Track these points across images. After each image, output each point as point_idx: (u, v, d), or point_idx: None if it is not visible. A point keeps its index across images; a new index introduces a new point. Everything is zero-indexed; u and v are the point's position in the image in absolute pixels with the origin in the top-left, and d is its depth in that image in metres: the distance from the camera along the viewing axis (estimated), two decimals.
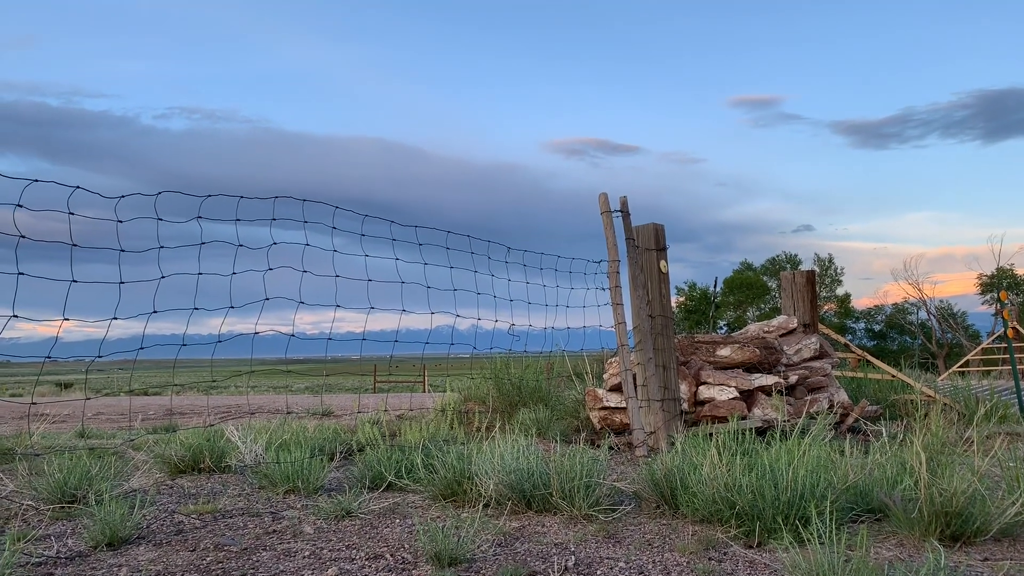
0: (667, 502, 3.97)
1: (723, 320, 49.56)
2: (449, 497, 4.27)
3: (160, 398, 17.16)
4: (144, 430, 8.14)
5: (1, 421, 9.83)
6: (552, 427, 6.69)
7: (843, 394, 7.35)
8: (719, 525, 3.62)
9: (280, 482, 4.56)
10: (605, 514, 3.86)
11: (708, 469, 3.68)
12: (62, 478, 4.13)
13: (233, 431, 5.52)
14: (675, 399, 6.14)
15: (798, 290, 8.31)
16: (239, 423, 6.54)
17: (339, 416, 9.99)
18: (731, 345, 6.82)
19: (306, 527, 3.75)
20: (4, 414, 11.28)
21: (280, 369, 7.40)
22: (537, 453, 4.19)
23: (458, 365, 10.01)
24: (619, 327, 6.15)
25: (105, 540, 3.41)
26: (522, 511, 3.99)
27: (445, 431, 6.35)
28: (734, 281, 51.66)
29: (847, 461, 4.01)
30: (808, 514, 3.26)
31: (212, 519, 3.91)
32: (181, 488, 4.69)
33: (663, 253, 6.44)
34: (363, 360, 8.03)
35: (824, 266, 53.28)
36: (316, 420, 8.52)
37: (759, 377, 6.59)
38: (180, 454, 5.18)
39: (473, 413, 7.52)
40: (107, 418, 10.99)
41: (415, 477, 4.58)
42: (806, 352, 7.48)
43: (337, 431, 6.35)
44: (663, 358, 6.16)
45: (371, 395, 19.52)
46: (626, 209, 6.32)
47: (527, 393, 7.82)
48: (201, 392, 18.96)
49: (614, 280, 6.23)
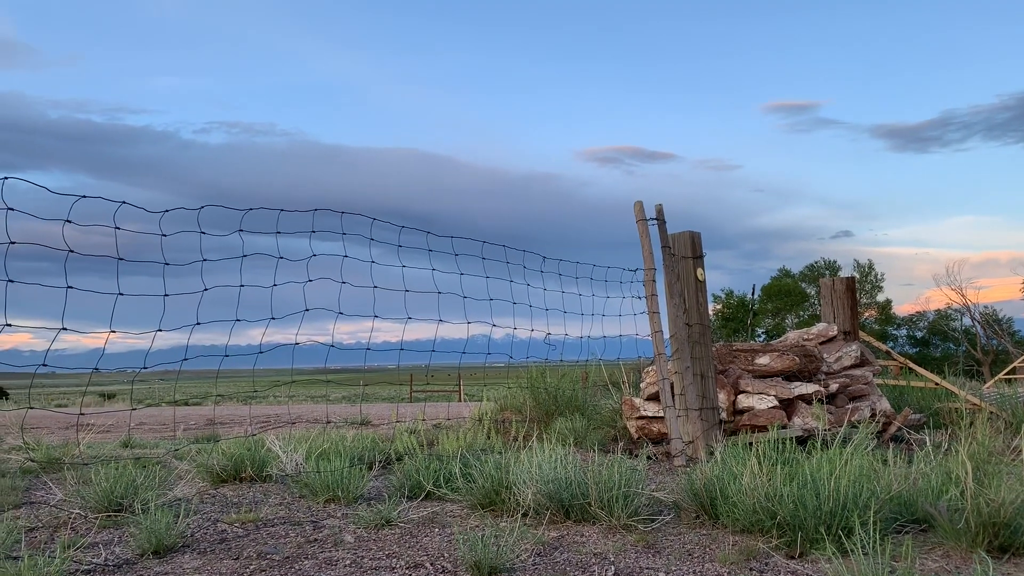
0: (707, 512, 3.94)
1: (761, 328, 49.06)
2: (487, 506, 4.28)
3: (201, 408, 17.42)
4: (186, 440, 8.27)
5: (48, 431, 10.05)
6: (589, 437, 6.68)
7: (885, 402, 7.24)
8: (760, 535, 3.59)
9: (320, 491, 4.60)
10: (644, 524, 3.84)
11: (748, 479, 3.65)
12: (109, 487, 4.21)
13: (274, 441, 5.59)
14: (713, 408, 6.09)
15: (838, 297, 8.21)
16: (279, 433, 6.62)
17: (376, 425, 10.06)
18: (770, 353, 6.75)
19: (347, 536, 3.79)
20: (51, 424, 11.53)
21: (320, 379, 7.48)
22: (575, 463, 4.19)
23: (494, 374, 10.04)
24: (656, 336, 6.13)
25: (151, 548, 3.47)
26: (560, 521, 3.99)
27: (482, 440, 6.37)
28: (772, 288, 51.14)
29: (890, 471, 3.95)
30: (851, 524, 3.21)
31: (254, 528, 3.97)
32: (223, 497, 4.75)
33: (700, 261, 6.40)
34: (400, 369, 8.15)
35: (864, 272, 52.53)
36: (354, 429, 8.59)
37: (799, 385, 6.52)
38: (222, 463, 5.25)
39: (510, 422, 7.53)
40: (150, 428, 11.19)
41: (453, 486, 4.59)
42: (847, 360, 7.38)
43: (375, 440, 6.40)
44: (701, 367, 6.12)
45: (408, 404, 19.64)
46: (662, 217, 6.30)
47: (563, 402, 7.81)
48: (241, 402, 19.21)
49: (650, 288, 6.21)
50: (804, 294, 51.24)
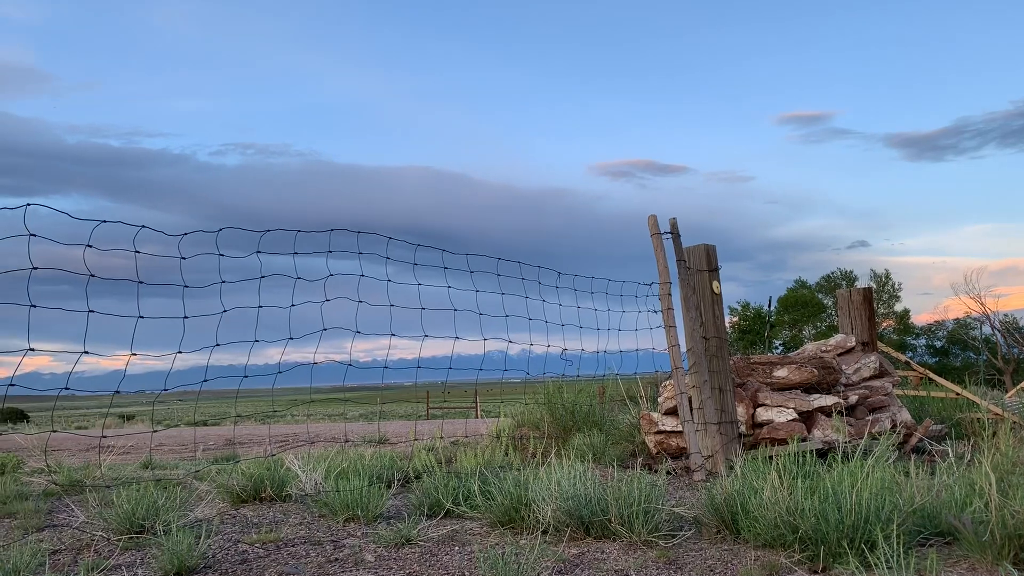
0: (728, 527, 3.92)
1: (778, 339, 48.79)
2: (507, 524, 4.27)
3: (220, 428, 17.49)
4: (206, 460, 8.30)
5: (69, 453, 10.12)
6: (607, 452, 6.65)
7: (905, 413, 7.18)
8: (782, 550, 3.56)
9: (340, 510, 4.61)
10: (665, 540, 3.82)
11: (769, 493, 3.63)
12: (130, 509, 4.23)
13: (293, 460, 5.61)
14: (732, 422, 6.07)
15: (855, 308, 8.16)
16: (298, 452, 6.64)
17: (394, 444, 10.07)
18: (788, 366, 6.72)
19: (367, 555, 3.79)
20: (72, 446, 11.61)
21: (337, 397, 7.51)
22: (594, 479, 4.18)
23: (510, 390, 10.04)
24: (673, 349, 6.12)
25: (173, 570, 3.48)
26: (581, 537, 3.98)
27: (500, 457, 6.36)
28: (788, 300, 50.89)
29: (913, 483, 3.92)
30: (874, 538, 3.19)
31: (275, 548, 3.98)
32: (244, 517, 4.77)
33: (715, 274, 6.39)
34: (417, 387, 8.13)
35: (881, 282, 52.19)
36: (372, 448, 8.60)
37: (818, 398, 6.48)
38: (242, 484, 5.27)
39: (527, 439, 7.52)
40: (169, 449, 11.25)
41: (472, 504, 4.59)
42: (865, 371, 7.34)
43: (393, 458, 6.40)
44: (719, 380, 6.09)
45: (425, 421, 19.62)
46: (676, 230, 6.30)
47: (580, 418, 7.79)
48: (259, 421, 19.27)
49: (666, 302, 6.20)
50: (821, 305, 50.94)
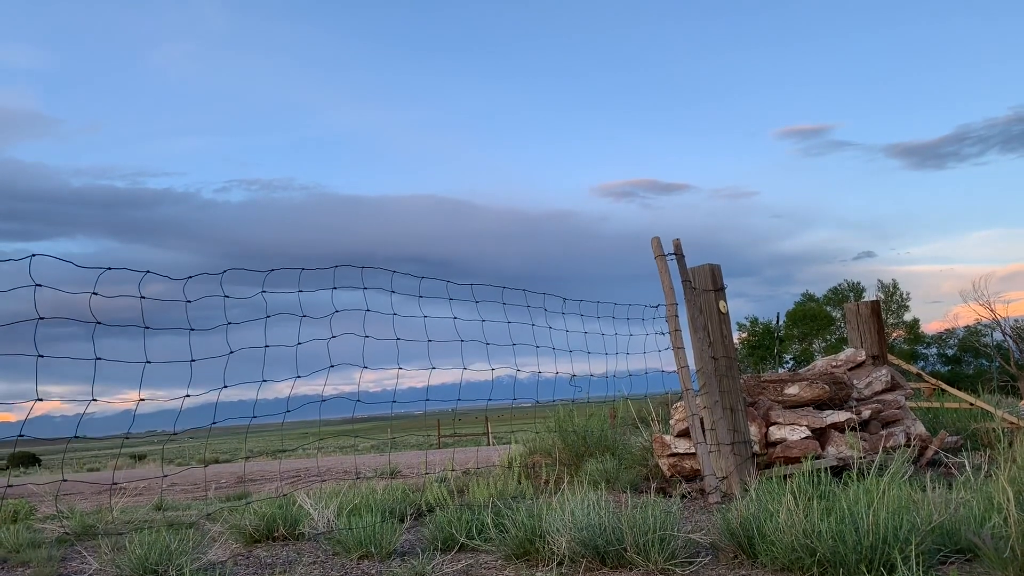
0: (744, 551, 3.88)
1: (788, 354, 48.60)
2: (522, 556, 4.23)
3: (231, 465, 17.45)
4: (218, 499, 8.27)
5: (82, 497, 10.10)
6: (621, 477, 6.61)
7: (920, 426, 7.12)
8: (800, 573, 3.52)
9: (353, 548, 4.58)
10: (682, 567, 3.78)
11: (785, 516, 3.60)
12: (143, 554, 4.21)
13: (305, 498, 5.58)
14: (745, 442, 6.02)
15: (864, 321, 8.13)
16: (310, 488, 6.61)
17: (406, 476, 10.02)
18: (799, 383, 6.68)
19: None
20: (84, 490, 11.59)
21: (347, 431, 7.49)
22: (608, 507, 4.14)
23: (521, 415, 10.00)
24: (682, 371, 6.09)
25: None
26: (597, 568, 3.94)
27: (513, 487, 6.32)
28: (797, 313, 50.75)
29: (930, 499, 3.87)
30: (893, 559, 3.15)
31: None
32: (257, 558, 4.74)
33: (721, 293, 6.38)
34: (427, 415, 8.09)
35: (889, 292, 52.03)
36: (384, 481, 8.56)
37: (831, 414, 6.44)
38: (254, 524, 5.24)
39: (540, 466, 7.48)
40: (181, 488, 11.22)
41: (486, 537, 4.55)
42: (877, 385, 7.29)
43: (405, 491, 6.37)
44: (730, 400, 6.06)
45: (436, 451, 19.54)
46: (680, 251, 6.30)
47: (592, 442, 7.75)
48: (270, 456, 19.22)
49: (673, 324, 6.19)
50: (830, 318, 50.78)
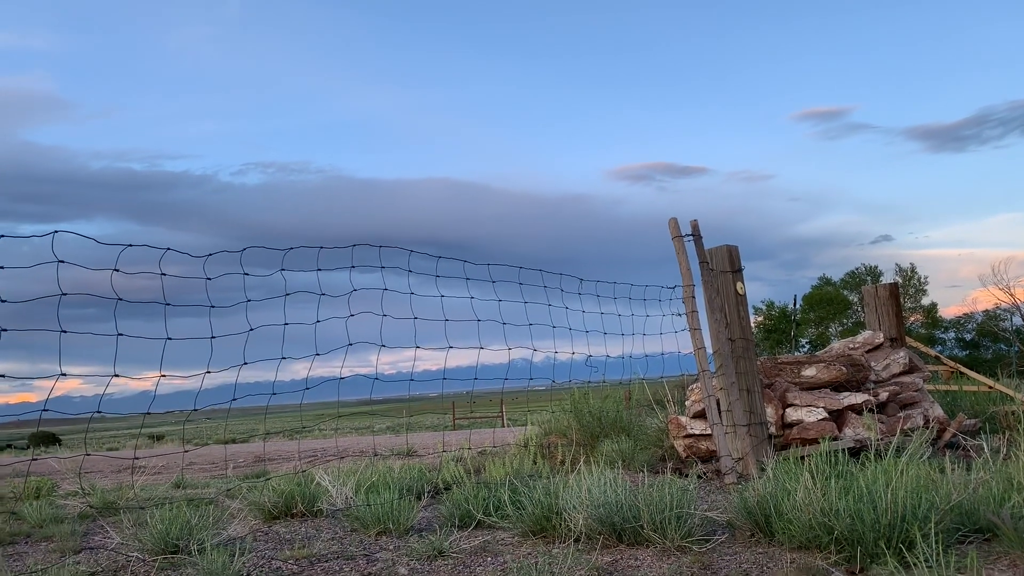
0: (761, 530, 3.88)
1: (805, 338, 48.36)
2: (538, 533, 4.26)
3: (249, 445, 17.59)
4: (237, 478, 8.35)
5: (102, 475, 10.22)
6: (636, 458, 6.62)
7: (938, 409, 7.09)
8: (817, 551, 3.52)
9: (371, 524, 4.62)
10: (699, 545, 3.79)
11: (802, 494, 3.60)
12: (164, 529, 4.27)
13: (323, 475, 5.63)
14: (762, 423, 6.02)
15: (882, 304, 8.08)
16: (328, 467, 6.66)
17: (422, 455, 10.08)
18: (816, 364, 6.66)
19: (400, 568, 3.79)
20: (104, 468, 11.72)
21: (364, 411, 7.53)
22: (624, 485, 4.15)
23: (536, 398, 10.05)
24: (699, 352, 6.08)
25: None
26: (613, 545, 3.95)
27: (529, 466, 6.34)
28: (813, 297, 50.45)
29: (949, 479, 3.86)
30: (912, 537, 3.15)
31: (309, 564, 3.99)
32: (276, 534, 4.79)
33: (739, 275, 6.35)
34: (443, 397, 8.15)
35: (907, 276, 51.60)
36: (401, 460, 8.62)
37: (848, 396, 6.41)
38: (273, 500, 5.30)
39: (555, 446, 7.50)
40: (200, 468, 11.32)
41: (503, 514, 4.58)
42: (895, 367, 7.25)
43: (422, 470, 6.41)
44: (746, 382, 6.05)
45: (452, 432, 19.62)
46: (697, 232, 6.27)
47: (608, 424, 7.76)
48: (288, 437, 19.37)
49: (690, 305, 6.17)
50: (847, 302, 50.45)
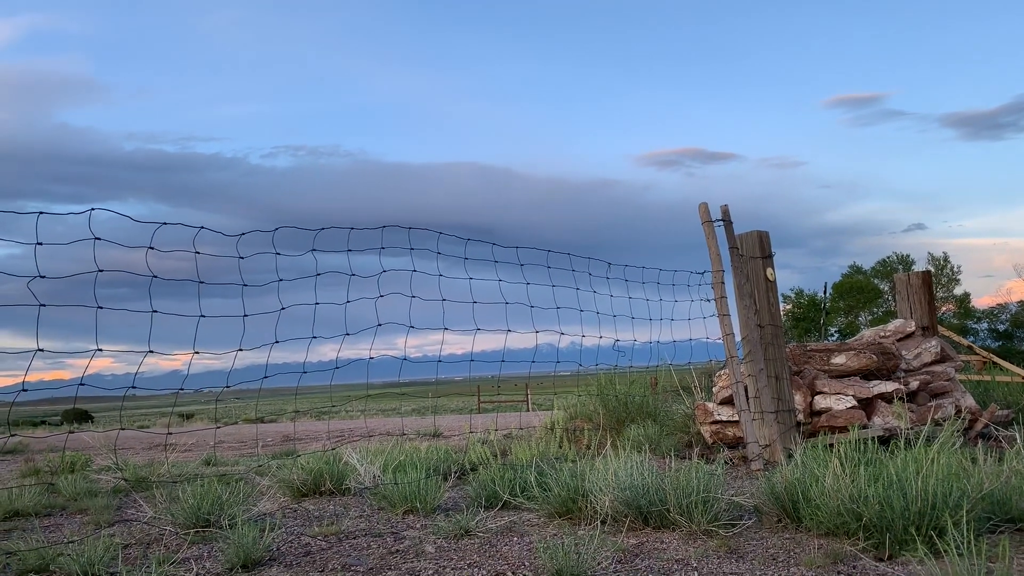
0: (788, 515, 3.87)
1: (834, 327, 47.87)
2: (564, 515, 4.28)
3: (277, 425, 17.79)
4: (266, 456, 8.46)
5: (133, 452, 10.40)
6: (662, 443, 6.62)
7: (970, 399, 7.00)
8: (846, 538, 3.51)
9: (398, 503, 4.67)
10: (725, 529, 3.79)
11: (831, 480, 3.58)
12: (196, 504, 4.34)
13: (352, 454, 5.69)
14: (789, 410, 5.98)
15: (914, 292, 7.97)
16: (355, 446, 6.73)
17: (448, 437, 10.14)
18: (846, 352, 6.60)
19: (427, 546, 3.83)
20: (135, 445, 11.92)
21: (390, 392, 7.59)
22: (651, 469, 4.16)
23: (560, 383, 10.04)
24: (727, 338, 6.05)
25: (240, 562, 3.56)
26: (639, 527, 3.96)
27: (555, 449, 6.36)
28: (843, 286, 49.87)
29: (981, 469, 3.82)
30: (942, 524, 3.12)
31: (337, 540, 4.04)
32: (305, 511, 4.86)
33: (769, 260, 6.30)
34: (469, 381, 8.15)
35: (939, 265, 50.84)
36: (427, 441, 8.68)
37: (878, 384, 6.36)
38: (302, 478, 5.36)
39: (581, 431, 7.51)
40: (229, 446, 11.47)
41: (529, 495, 4.60)
42: (926, 356, 7.17)
43: (448, 452, 6.46)
44: (775, 368, 6.01)
45: (477, 415, 19.70)
46: (728, 217, 6.22)
47: (634, 409, 7.76)
48: (315, 417, 19.56)
49: (719, 291, 6.13)
50: (877, 291, 49.84)
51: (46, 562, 3.66)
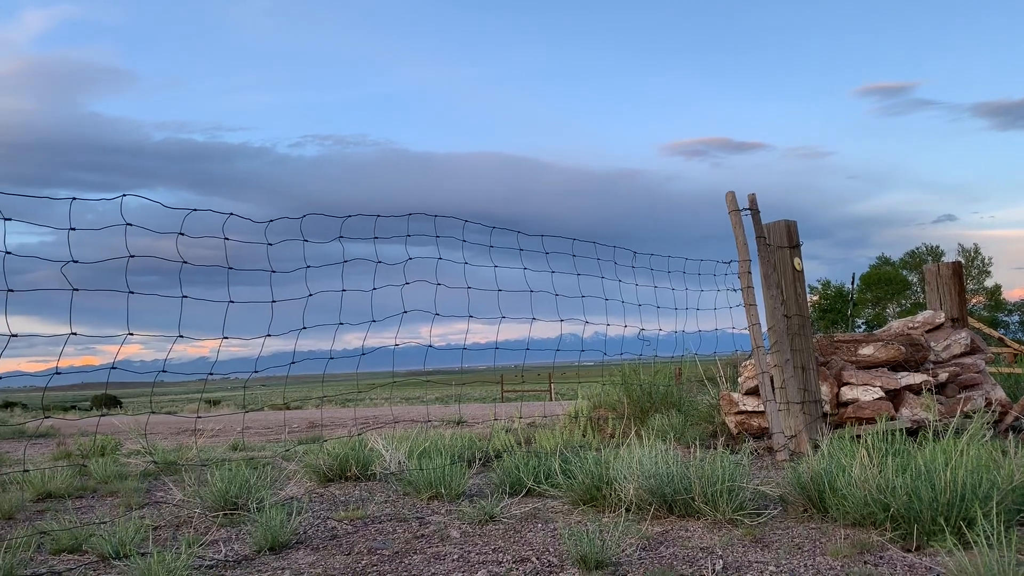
0: (815, 505, 3.85)
1: (861, 318, 47.41)
2: (588, 502, 4.29)
3: (303, 411, 17.96)
4: (292, 442, 8.55)
5: (161, 436, 10.55)
6: (687, 433, 6.60)
7: (1000, 391, 6.91)
8: (872, 528, 3.49)
9: (423, 488, 4.70)
10: (750, 518, 3.78)
11: (858, 471, 3.55)
12: (224, 487, 4.40)
13: (377, 440, 5.73)
14: (816, 401, 5.94)
15: (943, 283, 7.87)
16: (381, 433, 6.78)
17: (472, 424, 10.18)
18: (874, 343, 6.54)
19: (452, 531, 3.86)
20: (163, 430, 12.09)
21: (415, 380, 7.62)
22: (676, 458, 4.15)
23: (584, 373, 10.02)
24: (753, 328, 6.01)
25: (267, 545, 3.61)
26: (663, 516, 3.96)
27: (579, 438, 6.37)
28: (871, 277, 49.36)
29: (1011, 460, 3.78)
30: (971, 516, 3.09)
31: (363, 524, 4.08)
32: (331, 495, 4.91)
33: (797, 250, 6.25)
34: (493, 370, 8.22)
35: (969, 257, 50.15)
36: (451, 429, 8.72)
37: (906, 375, 6.29)
38: (328, 463, 5.42)
39: (605, 419, 7.51)
40: (255, 432, 11.60)
41: (553, 482, 4.62)
42: (956, 348, 7.08)
43: (473, 439, 6.49)
44: (801, 359, 5.97)
45: (501, 404, 19.76)
46: (755, 207, 6.18)
47: (658, 399, 7.74)
48: (340, 404, 19.70)
49: (745, 280, 6.10)
50: (905, 282, 49.30)
51: (79, 542, 3.73)
